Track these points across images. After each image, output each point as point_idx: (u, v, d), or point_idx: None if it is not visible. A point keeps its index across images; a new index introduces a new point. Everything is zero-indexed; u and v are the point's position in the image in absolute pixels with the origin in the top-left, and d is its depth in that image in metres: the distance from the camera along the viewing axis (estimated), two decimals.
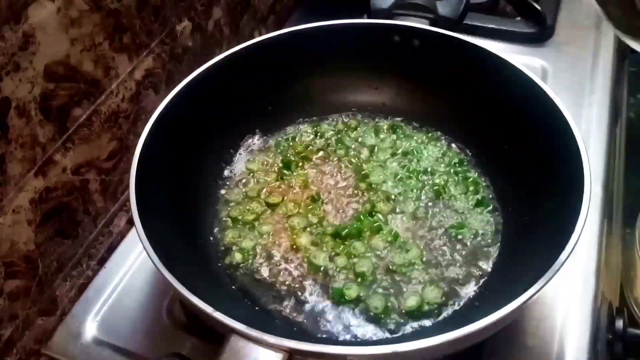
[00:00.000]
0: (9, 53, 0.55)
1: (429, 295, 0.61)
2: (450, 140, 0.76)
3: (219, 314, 0.47)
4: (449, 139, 0.76)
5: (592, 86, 0.88)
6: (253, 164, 0.75)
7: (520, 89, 0.65)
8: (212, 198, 0.71)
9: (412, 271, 0.63)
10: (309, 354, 0.46)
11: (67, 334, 0.67)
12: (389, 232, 0.66)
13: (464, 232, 0.66)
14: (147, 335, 0.65)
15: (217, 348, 0.46)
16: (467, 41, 0.70)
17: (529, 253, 0.58)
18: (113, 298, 0.69)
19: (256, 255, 0.66)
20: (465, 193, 0.70)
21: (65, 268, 0.68)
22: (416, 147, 0.75)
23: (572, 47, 0.94)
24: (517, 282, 0.51)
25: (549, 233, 0.55)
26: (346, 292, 0.61)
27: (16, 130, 0.57)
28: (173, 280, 0.49)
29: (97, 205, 0.71)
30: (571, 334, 0.62)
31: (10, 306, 0.61)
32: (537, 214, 0.61)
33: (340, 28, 0.73)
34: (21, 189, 0.60)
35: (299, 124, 0.79)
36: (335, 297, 0.61)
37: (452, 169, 0.72)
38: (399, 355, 0.45)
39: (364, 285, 0.62)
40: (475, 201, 0.69)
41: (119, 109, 0.71)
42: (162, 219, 0.59)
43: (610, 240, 0.76)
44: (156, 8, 0.73)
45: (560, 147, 0.59)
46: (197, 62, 0.70)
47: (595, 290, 0.66)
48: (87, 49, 0.64)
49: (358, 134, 0.78)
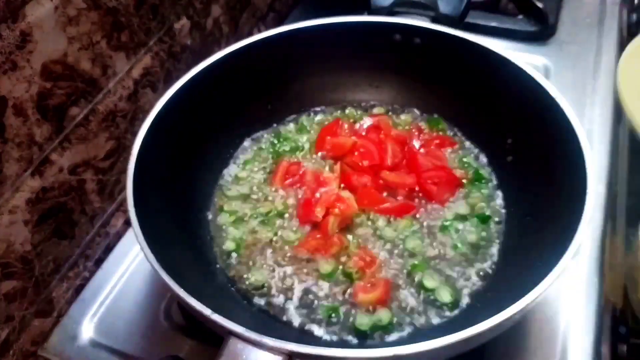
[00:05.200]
0: (6, 52, 0.54)
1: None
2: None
3: (217, 316, 0.46)
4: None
5: (595, 85, 0.88)
6: (252, 163, 0.74)
7: (523, 87, 0.64)
8: (211, 198, 0.71)
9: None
10: (307, 357, 0.45)
11: (63, 335, 0.66)
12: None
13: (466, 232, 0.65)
14: (145, 337, 0.65)
15: (216, 351, 0.45)
16: (469, 39, 0.69)
17: (532, 254, 0.57)
18: (110, 299, 0.69)
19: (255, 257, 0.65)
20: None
21: (61, 269, 0.68)
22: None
23: (575, 45, 0.94)
24: (520, 283, 0.51)
25: (552, 234, 0.55)
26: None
27: (13, 129, 0.57)
28: (170, 281, 0.49)
29: (94, 205, 0.71)
30: (575, 336, 0.62)
31: (7, 307, 0.61)
32: (540, 214, 0.61)
33: (340, 26, 0.73)
34: (17, 188, 0.59)
35: (299, 122, 0.79)
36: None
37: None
38: (400, 358, 0.44)
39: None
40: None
41: (116, 108, 0.70)
42: (159, 220, 0.59)
43: (614, 241, 0.75)
44: (154, 6, 0.73)
45: (563, 147, 0.59)
46: (196, 60, 0.69)
47: (599, 292, 0.65)
48: (84, 47, 0.63)
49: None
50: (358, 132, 0.76)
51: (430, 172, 0.70)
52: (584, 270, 0.67)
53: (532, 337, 0.62)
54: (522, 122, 0.66)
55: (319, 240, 0.64)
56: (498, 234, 0.65)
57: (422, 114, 0.78)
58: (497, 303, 0.48)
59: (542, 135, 0.63)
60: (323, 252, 0.64)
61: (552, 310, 0.64)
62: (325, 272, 0.62)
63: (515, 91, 0.66)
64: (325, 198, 0.66)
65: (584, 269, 0.67)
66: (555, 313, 0.63)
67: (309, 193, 0.69)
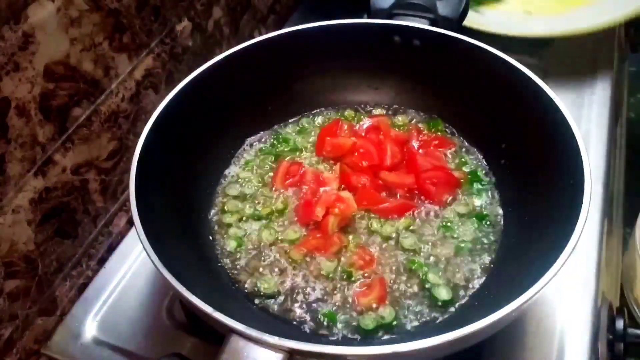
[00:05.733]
0: (9, 53, 0.55)
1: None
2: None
3: (218, 314, 0.46)
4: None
5: (592, 86, 0.88)
6: (253, 164, 0.75)
7: (521, 88, 0.65)
8: (212, 198, 0.71)
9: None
10: (308, 354, 0.46)
11: (66, 334, 0.67)
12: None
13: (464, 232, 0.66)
14: (147, 336, 0.65)
15: (217, 348, 0.46)
16: (467, 41, 0.70)
17: (530, 253, 0.58)
18: (113, 298, 0.69)
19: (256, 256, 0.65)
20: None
21: (65, 268, 0.68)
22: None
23: (572, 46, 0.94)
24: (517, 282, 0.51)
25: (549, 233, 0.55)
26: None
27: (16, 130, 0.57)
28: (173, 280, 0.49)
29: (96, 205, 0.71)
30: (571, 334, 0.62)
31: (10, 306, 0.61)
32: (537, 214, 0.61)
33: (340, 28, 0.73)
34: (21, 188, 0.60)
35: (299, 123, 0.79)
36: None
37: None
38: (398, 356, 0.45)
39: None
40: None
41: (118, 108, 0.71)
42: (162, 219, 0.59)
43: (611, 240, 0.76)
44: (156, 8, 0.73)
45: (561, 147, 0.59)
46: (197, 61, 0.70)
47: (596, 290, 0.66)
48: (86, 48, 0.64)
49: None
50: (357, 132, 0.76)
51: (429, 172, 0.70)
52: (581, 268, 0.67)
53: (530, 334, 0.62)
54: (520, 122, 0.67)
55: (319, 239, 0.65)
56: (496, 233, 0.66)
57: (421, 115, 0.79)
58: (494, 301, 0.48)
59: (540, 136, 0.64)
60: (323, 251, 0.64)
61: (550, 308, 0.64)
62: (326, 270, 0.63)
63: (513, 92, 0.66)
64: (325, 198, 0.67)
65: (581, 268, 0.67)
66: (553, 311, 0.64)
67: (309, 193, 0.70)
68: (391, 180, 0.70)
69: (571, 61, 0.92)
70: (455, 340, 0.45)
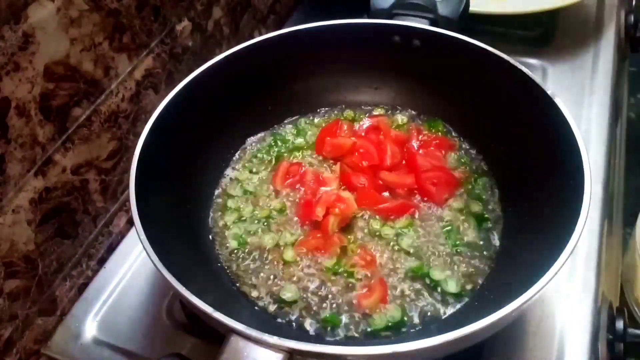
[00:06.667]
0: (9, 53, 0.55)
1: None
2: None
3: (219, 314, 0.47)
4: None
5: (592, 86, 0.88)
6: (252, 164, 0.75)
7: (521, 88, 0.65)
8: (212, 198, 0.71)
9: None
10: (308, 354, 0.46)
11: (66, 334, 0.67)
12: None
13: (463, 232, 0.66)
14: (147, 336, 0.65)
15: (217, 348, 0.46)
16: (467, 41, 0.69)
17: (530, 253, 0.58)
18: (113, 298, 0.69)
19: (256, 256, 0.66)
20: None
21: (65, 268, 0.68)
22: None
23: (572, 46, 0.94)
24: (517, 282, 0.51)
25: (549, 233, 0.55)
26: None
27: (16, 130, 0.57)
28: (173, 280, 0.49)
29: (96, 205, 0.71)
30: (571, 334, 0.62)
31: (10, 306, 0.61)
32: (537, 214, 0.61)
33: (340, 28, 0.73)
34: (21, 189, 0.60)
35: (299, 123, 0.79)
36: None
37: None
38: (398, 356, 0.45)
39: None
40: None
41: (118, 108, 0.71)
42: (162, 219, 0.59)
43: (611, 240, 0.76)
44: (156, 8, 0.73)
45: (561, 147, 0.59)
46: (197, 62, 0.70)
47: (596, 290, 0.66)
48: (86, 48, 0.64)
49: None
50: (357, 132, 0.77)
51: (429, 172, 0.70)
52: (580, 269, 0.67)
53: (530, 334, 0.62)
54: (520, 122, 0.67)
55: (319, 239, 0.65)
56: (495, 233, 0.66)
57: (421, 115, 0.79)
58: (494, 301, 0.48)
59: (540, 136, 0.64)
60: (323, 251, 0.64)
61: (550, 308, 0.64)
62: (327, 270, 0.63)
63: (513, 92, 0.66)
64: (325, 198, 0.67)
65: (580, 268, 0.67)
66: (553, 311, 0.64)
67: (309, 193, 0.70)
68: (391, 180, 0.70)
69: (571, 61, 0.92)
70: (455, 340, 0.45)
